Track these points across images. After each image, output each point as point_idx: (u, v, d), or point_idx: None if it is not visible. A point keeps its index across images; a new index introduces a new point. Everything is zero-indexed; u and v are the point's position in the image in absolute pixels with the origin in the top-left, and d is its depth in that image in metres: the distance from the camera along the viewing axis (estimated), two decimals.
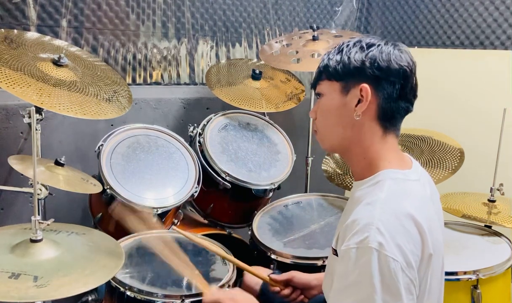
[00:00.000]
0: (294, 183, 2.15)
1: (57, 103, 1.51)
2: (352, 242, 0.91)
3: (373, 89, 1.01)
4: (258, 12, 2.60)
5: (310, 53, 2.12)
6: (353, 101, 1.03)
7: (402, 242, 0.90)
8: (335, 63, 1.05)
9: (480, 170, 2.06)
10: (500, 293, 1.64)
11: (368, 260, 0.88)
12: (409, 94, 1.03)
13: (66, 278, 1.13)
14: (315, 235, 1.80)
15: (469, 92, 2.44)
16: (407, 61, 1.02)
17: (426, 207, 1.01)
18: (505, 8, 2.39)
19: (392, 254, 0.88)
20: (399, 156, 1.08)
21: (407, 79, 1.01)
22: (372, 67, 1.00)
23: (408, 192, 0.99)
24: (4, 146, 1.92)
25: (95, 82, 1.73)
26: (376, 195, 0.97)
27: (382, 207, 0.94)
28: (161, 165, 1.82)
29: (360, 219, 0.93)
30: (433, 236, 0.97)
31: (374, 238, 0.89)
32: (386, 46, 1.02)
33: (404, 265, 0.89)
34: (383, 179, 1.01)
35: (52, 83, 1.56)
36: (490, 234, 1.81)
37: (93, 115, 1.59)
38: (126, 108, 1.74)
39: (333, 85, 1.06)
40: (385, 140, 1.04)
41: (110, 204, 1.73)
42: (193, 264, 1.46)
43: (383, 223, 0.90)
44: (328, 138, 1.11)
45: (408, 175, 1.03)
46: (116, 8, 2.18)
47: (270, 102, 2.17)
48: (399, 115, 1.04)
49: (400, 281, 0.88)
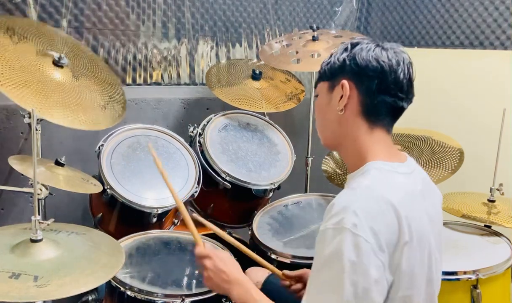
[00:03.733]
0: (294, 183, 2.15)
1: (52, 110, 1.51)
2: (329, 223, 0.95)
3: (354, 85, 1.06)
4: (258, 12, 2.61)
5: (310, 53, 2.12)
6: (337, 97, 1.09)
7: (377, 225, 0.93)
8: (325, 65, 1.14)
9: (480, 170, 2.06)
10: (500, 293, 1.64)
11: (341, 240, 0.91)
12: (393, 89, 1.05)
13: (66, 278, 1.13)
14: (315, 235, 1.78)
15: (469, 92, 2.44)
16: (387, 57, 1.04)
17: (410, 199, 1.02)
18: (505, 8, 2.39)
19: (364, 235, 0.91)
20: (389, 150, 1.10)
21: (385, 73, 1.04)
22: (351, 64, 1.06)
23: (392, 182, 1.02)
24: (4, 146, 1.92)
25: (93, 85, 1.73)
26: (359, 181, 1.01)
27: (362, 192, 0.98)
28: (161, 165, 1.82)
29: (339, 203, 0.97)
30: (414, 227, 0.99)
31: (349, 220, 0.92)
32: (368, 45, 1.07)
33: (375, 248, 0.91)
34: (369, 169, 1.04)
35: (50, 88, 1.56)
36: (490, 234, 1.81)
37: (88, 125, 1.60)
38: (120, 117, 1.75)
39: (324, 85, 1.14)
40: (372, 134, 1.07)
41: (110, 204, 1.73)
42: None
43: (360, 205, 0.94)
44: (323, 135, 1.18)
45: (396, 168, 1.05)
46: (116, 8, 2.18)
47: (270, 102, 2.17)
48: (384, 109, 1.06)
49: (371, 263, 0.91)
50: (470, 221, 1.82)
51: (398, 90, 1.05)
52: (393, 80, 1.04)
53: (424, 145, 2.06)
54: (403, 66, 1.05)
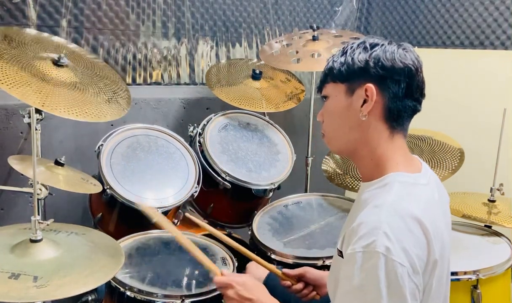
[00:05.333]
0: (294, 183, 2.15)
1: (57, 105, 1.50)
2: (358, 246, 0.90)
3: (378, 89, 1.01)
4: (258, 12, 2.60)
5: (310, 53, 2.12)
6: (359, 102, 1.02)
7: (409, 246, 0.89)
8: (339, 65, 1.05)
9: (480, 170, 2.06)
10: (500, 293, 1.64)
11: (375, 265, 0.88)
12: (416, 93, 1.03)
13: (66, 278, 1.13)
14: (315, 235, 1.79)
15: (469, 92, 2.44)
16: (411, 59, 1.01)
17: (433, 211, 1.00)
18: (505, 8, 2.39)
19: (399, 259, 0.87)
20: (407, 158, 1.07)
21: (412, 77, 1.01)
22: (376, 67, 1.00)
23: (417, 196, 0.98)
24: (4, 146, 1.92)
25: (95, 82, 1.73)
26: (384, 198, 0.96)
27: (389, 211, 0.93)
28: (161, 165, 1.82)
29: (366, 223, 0.92)
30: (439, 241, 0.97)
31: (381, 243, 0.88)
32: (390, 46, 1.02)
33: (410, 271, 0.89)
34: (391, 181, 1.00)
35: (52, 84, 1.56)
36: (490, 234, 1.80)
37: (93, 117, 1.58)
38: (125, 110, 1.74)
39: (338, 87, 1.06)
40: (392, 140, 1.04)
41: (110, 204, 1.73)
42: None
43: (390, 227, 0.89)
44: (335, 140, 1.11)
45: (418, 179, 1.02)
46: (116, 8, 2.18)
47: (270, 102, 2.17)
48: (406, 114, 1.03)
49: (406, 287, 0.88)
50: (471, 221, 1.81)
51: (419, 93, 1.03)
52: (417, 83, 1.02)
53: (424, 145, 2.06)
54: (422, 68, 1.03)
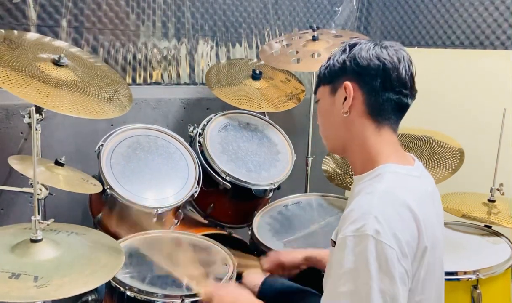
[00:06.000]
0: (294, 183, 2.15)
1: (59, 103, 1.51)
2: (349, 230, 0.92)
3: (356, 85, 1.05)
4: (258, 12, 2.60)
5: (310, 53, 2.12)
6: (340, 100, 1.07)
7: (399, 231, 0.91)
8: (324, 69, 1.12)
9: (480, 170, 2.06)
10: (500, 293, 1.64)
11: (365, 247, 0.89)
12: (397, 86, 1.04)
13: (66, 278, 1.13)
14: (315, 235, 1.80)
15: (469, 92, 2.44)
16: (388, 55, 1.04)
17: (425, 202, 1.01)
18: (505, 8, 2.39)
19: (388, 242, 0.89)
20: (399, 152, 1.08)
21: (387, 71, 1.03)
22: (352, 64, 1.05)
23: (408, 186, 1.00)
24: (4, 146, 1.92)
25: (95, 81, 1.73)
26: (375, 186, 0.99)
27: (381, 197, 0.95)
28: (161, 165, 1.82)
29: (358, 208, 0.94)
30: (430, 231, 0.98)
31: (371, 226, 0.90)
32: (367, 44, 1.06)
33: (399, 254, 0.90)
34: (382, 172, 1.02)
35: (53, 83, 1.56)
36: (490, 234, 1.81)
37: (94, 114, 1.59)
38: (127, 107, 1.74)
39: (325, 88, 1.12)
40: (380, 134, 1.06)
41: (110, 204, 1.73)
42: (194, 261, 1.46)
43: (380, 211, 0.92)
44: (327, 139, 1.16)
45: (410, 171, 1.04)
46: (116, 8, 2.18)
47: (270, 102, 2.17)
48: (389, 107, 1.05)
49: (396, 270, 0.89)
50: (470, 221, 1.82)
51: (402, 86, 1.05)
52: (396, 77, 1.04)
53: (424, 145, 2.06)
54: (404, 63, 1.04)
